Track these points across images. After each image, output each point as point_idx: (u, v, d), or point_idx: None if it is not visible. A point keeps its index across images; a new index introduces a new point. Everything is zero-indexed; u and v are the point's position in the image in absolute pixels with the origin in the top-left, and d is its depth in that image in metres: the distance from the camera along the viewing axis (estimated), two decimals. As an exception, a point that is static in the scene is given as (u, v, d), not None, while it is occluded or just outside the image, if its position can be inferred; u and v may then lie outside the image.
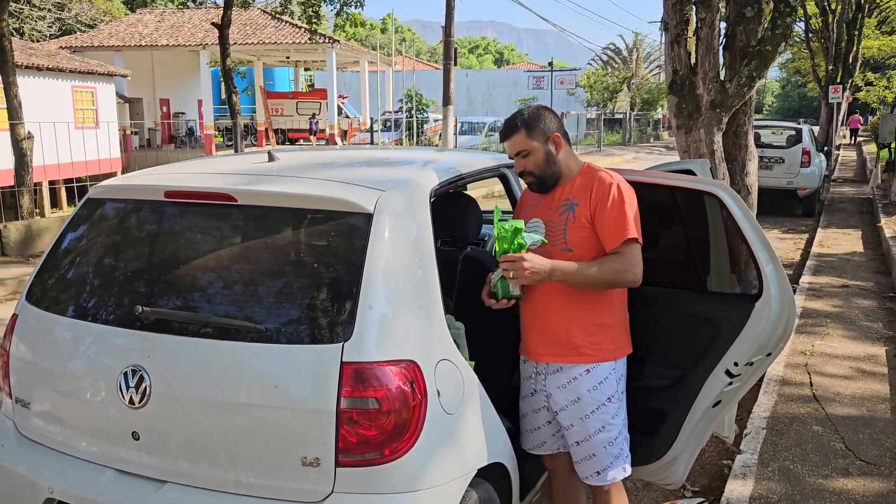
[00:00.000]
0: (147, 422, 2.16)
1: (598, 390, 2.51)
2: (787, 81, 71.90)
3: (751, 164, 5.91)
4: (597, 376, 2.50)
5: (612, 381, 2.52)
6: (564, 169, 2.54)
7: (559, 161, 2.53)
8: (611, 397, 2.53)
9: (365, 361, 2.03)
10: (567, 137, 2.58)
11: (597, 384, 2.50)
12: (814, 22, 24.82)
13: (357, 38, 55.17)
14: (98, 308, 2.37)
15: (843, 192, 16.46)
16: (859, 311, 6.53)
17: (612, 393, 2.53)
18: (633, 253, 2.42)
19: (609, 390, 2.52)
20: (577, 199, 2.49)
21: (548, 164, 2.52)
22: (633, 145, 36.93)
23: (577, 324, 2.50)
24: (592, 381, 2.50)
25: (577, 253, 2.46)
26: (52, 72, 18.29)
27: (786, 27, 5.41)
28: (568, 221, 2.48)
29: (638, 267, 2.42)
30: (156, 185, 2.46)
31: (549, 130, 2.51)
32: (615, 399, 2.54)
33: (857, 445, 3.90)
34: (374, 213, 2.17)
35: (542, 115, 2.55)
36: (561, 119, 2.62)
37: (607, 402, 2.52)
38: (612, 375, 2.52)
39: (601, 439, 2.55)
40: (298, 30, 24.25)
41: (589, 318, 2.50)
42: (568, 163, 2.55)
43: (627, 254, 2.41)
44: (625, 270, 2.41)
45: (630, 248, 2.42)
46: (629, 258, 2.41)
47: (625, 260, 2.41)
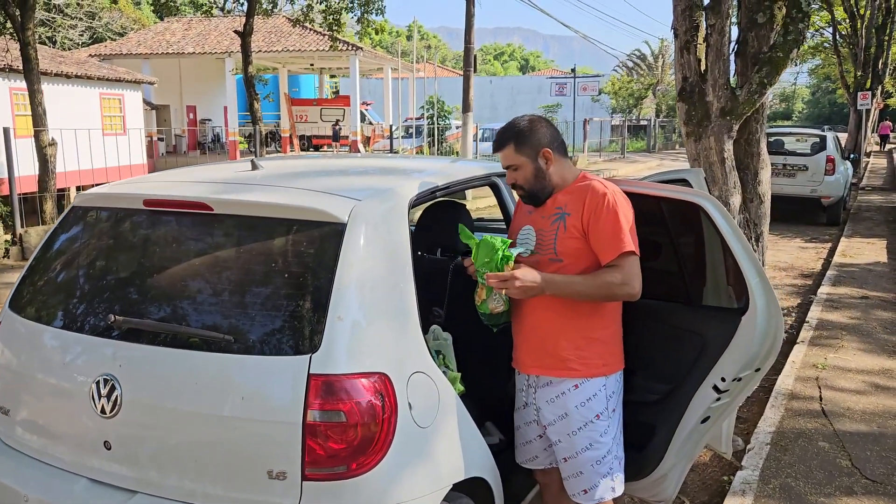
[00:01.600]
0: (118, 431, 2.16)
1: (585, 406, 2.44)
2: (817, 88, 70.81)
3: (763, 172, 5.79)
4: (585, 392, 2.44)
5: (601, 399, 2.45)
6: (556, 181, 2.47)
7: (549, 175, 2.46)
8: (599, 415, 2.45)
9: (332, 374, 2.00)
10: (562, 149, 2.51)
11: (585, 400, 2.44)
12: (842, 27, 24.41)
13: (383, 46, 55.52)
14: (76, 316, 2.38)
15: (871, 200, 16.11)
16: (877, 324, 6.36)
17: (602, 410, 2.45)
18: (630, 266, 2.35)
19: (598, 407, 2.45)
20: (568, 209, 2.43)
21: (537, 179, 2.46)
22: (657, 152, 36.59)
23: (566, 336, 2.44)
24: (581, 397, 2.44)
25: (566, 263, 2.40)
26: (81, 79, 18.65)
27: (798, 33, 5.30)
28: (559, 231, 2.42)
29: (635, 280, 2.34)
30: (135, 193, 2.47)
31: (540, 145, 2.44)
32: (604, 417, 2.46)
33: (864, 463, 3.78)
34: (348, 223, 2.15)
35: (533, 128, 2.46)
36: (555, 130, 2.53)
37: (595, 420, 2.45)
38: (601, 392, 2.45)
39: (588, 457, 2.49)
40: (322, 37, 24.42)
41: (579, 331, 2.44)
42: (562, 174, 2.48)
43: (624, 267, 2.34)
44: (621, 284, 2.34)
45: (626, 262, 2.34)
46: (626, 271, 2.34)
47: (621, 273, 2.34)
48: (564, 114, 30.53)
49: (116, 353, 2.19)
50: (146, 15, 39.60)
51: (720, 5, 5.34)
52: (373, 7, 17.05)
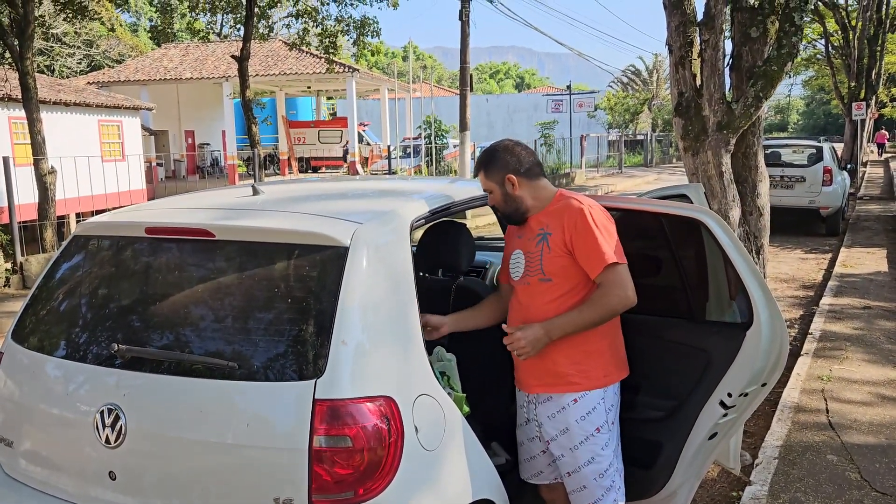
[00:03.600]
0: (123, 461, 2.14)
1: (586, 420, 2.46)
2: (811, 99, 71.20)
3: (762, 185, 5.81)
4: (585, 406, 2.46)
5: (601, 411, 2.47)
6: (531, 203, 2.53)
7: (518, 198, 2.52)
8: (600, 427, 2.47)
9: (338, 398, 1.99)
10: (531, 172, 2.54)
11: (585, 414, 2.46)
12: (834, 39, 24.61)
13: (379, 67, 55.86)
14: (78, 346, 2.37)
15: (870, 209, 16.13)
16: (881, 334, 6.34)
17: (602, 423, 2.47)
18: (618, 277, 2.36)
19: (598, 420, 2.47)
20: (549, 228, 2.47)
21: (506, 202, 2.55)
22: (655, 166, 36.70)
23: (563, 352, 2.46)
24: (581, 411, 2.46)
25: (556, 282, 2.43)
26: (80, 107, 18.77)
27: (791, 46, 5.34)
28: (543, 251, 2.47)
29: (626, 290, 2.36)
30: (137, 221, 2.48)
31: (505, 171, 2.52)
32: (604, 430, 2.49)
33: (874, 475, 3.75)
34: (350, 247, 2.15)
35: (497, 155, 2.55)
36: (524, 154, 2.56)
37: (596, 433, 2.47)
38: (601, 405, 2.47)
39: (591, 470, 2.50)
40: (318, 60, 24.61)
41: (575, 346, 2.46)
42: (535, 196, 2.53)
43: (612, 279, 2.36)
44: (615, 298, 2.36)
45: (613, 273, 2.36)
46: (615, 283, 2.36)
47: (611, 287, 2.36)
48: (561, 130, 30.63)
49: (120, 382, 2.18)
50: (144, 42, 39.91)
51: (714, 21, 5.39)
52: (368, 29, 17.21)
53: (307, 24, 17.58)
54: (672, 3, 5.50)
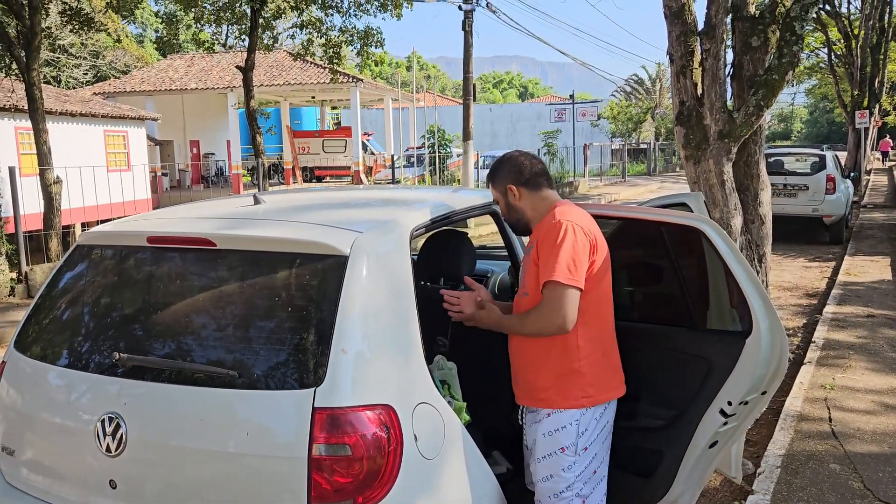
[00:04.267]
0: (123, 470, 2.15)
1: (552, 437, 2.41)
2: (815, 107, 71.15)
3: (763, 193, 5.82)
4: (555, 423, 2.41)
5: (570, 432, 2.40)
6: (531, 215, 2.54)
7: (519, 209, 2.55)
8: (565, 448, 2.40)
9: (337, 407, 2.00)
10: (532, 183, 2.53)
11: (553, 430, 2.41)
12: (837, 47, 24.62)
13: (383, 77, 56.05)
14: (80, 355, 2.39)
15: (873, 217, 16.10)
16: (885, 342, 6.32)
17: (569, 444, 2.40)
18: (554, 297, 2.28)
19: (565, 440, 2.40)
20: (534, 241, 2.47)
21: (509, 212, 2.60)
22: (658, 175, 36.70)
23: (543, 368, 2.44)
24: (549, 427, 2.42)
25: (531, 297, 2.42)
26: (86, 117, 18.88)
27: (792, 55, 5.36)
28: (526, 265, 2.48)
29: (557, 313, 2.27)
30: (139, 230, 2.49)
31: (505, 181, 2.56)
32: (570, 451, 2.40)
33: (877, 484, 3.74)
34: (350, 255, 2.16)
35: (499, 167, 2.60)
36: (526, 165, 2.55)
37: (559, 452, 2.41)
38: (572, 426, 2.40)
39: (545, 487, 2.47)
40: (322, 70, 24.72)
41: (553, 364, 2.42)
42: (534, 207, 2.53)
43: (548, 297, 2.30)
44: (543, 318, 2.30)
45: (552, 292, 2.29)
46: (549, 303, 2.30)
47: (544, 305, 2.31)
48: (564, 139, 30.66)
49: (121, 390, 2.19)
50: (149, 52, 40.18)
51: (714, 30, 5.42)
52: (372, 40, 17.27)
53: (311, 34, 17.68)
54: (673, 13, 5.53)
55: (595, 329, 2.42)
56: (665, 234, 2.87)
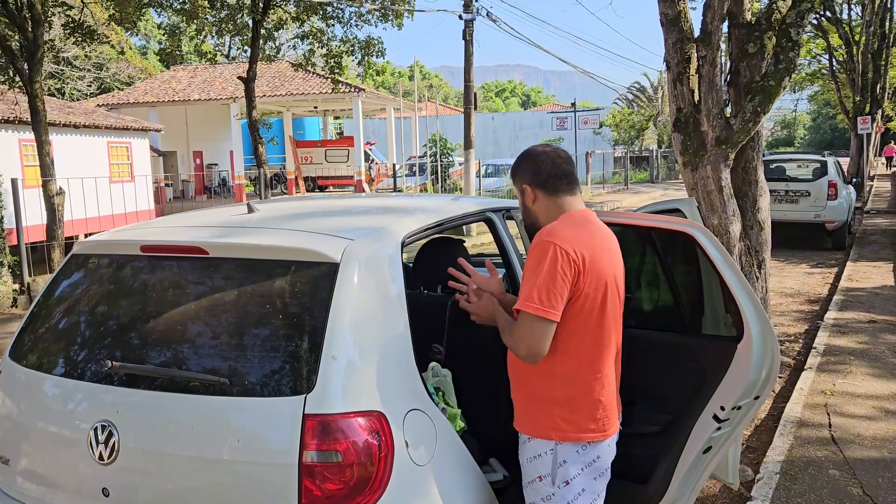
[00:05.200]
0: (116, 478, 2.16)
1: (531, 464, 2.32)
2: (817, 114, 71.13)
3: (762, 199, 5.82)
4: (532, 449, 2.31)
5: (545, 462, 2.27)
6: (543, 221, 2.32)
7: (535, 213, 2.36)
8: (542, 477, 2.29)
9: (328, 413, 2.01)
10: (548, 185, 2.32)
11: (532, 457, 2.31)
12: (838, 54, 24.65)
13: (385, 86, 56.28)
14: (74, 364, 2.40)
15: (876, 223, 16.07)
16: (886, 348, 6.30)
17: (545, 474, 2.27)
18: (521, 326, 2.16)
19: (542, 469, 2.28)
20: None
21: (525, 212, 2.41)
22: (660, 182, 36.69)
23: (520, 389, 2.36)
24: (528, 453, 2.33)
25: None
26: (89, 129, 18.97)
27: (789, 62, 5.37)
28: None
29: (521, 343, 2.15)
30: (133, 239, 2.51)
31: (521, 181, 2.38)
32: (547, 482, 2.27)
33: (876, 490, 3.72)
34: (341, 263, 2.17)
35: (519, 163, 2.41)
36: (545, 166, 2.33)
37: (538, 481, 2.31)
38: (546, 456, 2.26)
39: None
40: (324, 80, 24.87)
41: (529, 388, 2.32)
42: (548, 214, 2.32)
43: (517, 326, 2.18)
44: (513, 343, 2.20)
45: (520, 321, 2.16)
46: (516, 331, 2.17)
47: (513, 332, 2.19)
48: (567, 147, 30.68)
49: (114, 399, 2.20)
50: (153, 64, 40.44)
51: (710, 37, 5.44)
52: (373, 50, 17.37)
53: (313, 45, 17.78)
54: (669, 20, 5.55)
55: (575, 362, 2.23)
56: (657, 239, 2.88)
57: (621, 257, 2.35)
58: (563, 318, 2.16)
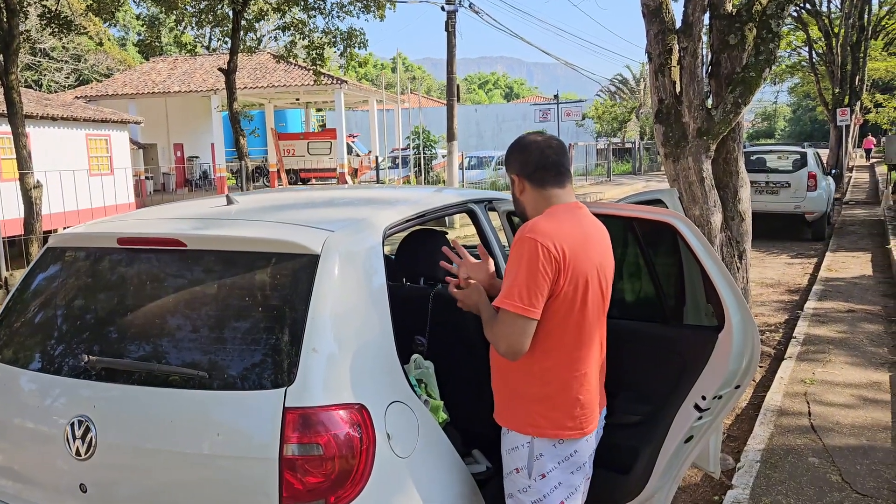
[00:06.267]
0: (93, 473, 2.13)
1: (510, 455, 2.32)
2: (797, 105, 71.78)
3: (743, 190, 5.86)
4: (510, 441, 2.30)
5: (522, 454, 2.25)
6: (531, 214, 2.27)
7: (523, 204, 2.32)
8: (519, 469, 2.27)
9: (308, 406, 1.99)
10: (535, 177, 2.26)
11: (510, 449, 2.31)
12: (818, 46, 24.86)
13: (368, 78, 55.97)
14: (51, 358, 2.36)
15: (855, 214, 16.26)
16: (864, 337, 6.38)
17: (522, 466, 2.26)
18: (501, 323, 2.12)
19: (519, 461, 2.27)
20: None
21: (515, 203, 2.37)
22: (643, 174, 36.89)
23: (500, 382, 2.34)
24: (507, 444, 2.32)
25: None
26: (67, 121, 18.70)
27: (769, 53, 5.40)
28: None
29: (501, 341, 2.12)
30: (109, 232, 2.47)
31: (511, 171, 2.33)
32: (524, 474, 2.26)
33: (855, 477, 3.77)
34: (321, 254, 2.15)
35: (510, 151, 2.34)
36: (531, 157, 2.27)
37: (515, 473, 2.30)
38: (523, 448, 2.25)
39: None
40: (307, 72, 24.70)
41: (508, 381, 2.30)
42: (535, 206, 2.27)
43: (497, 323, 2.15)
44: (494, 338, 2.17)
45: (501, 318, 2.13)
46: (496, 328, 2.14)
47: (493, 329, 2.17)
48: (550, 139, 30.72)
49: (91, 393, 2.17)
50: (132, 56, 39.93)
51: (692, 28, 5.45)
52: (355, 41, 17.26)
53: (294, 36, 17.63)
54: (651, 12, 5.56)
55: (553, 360, 2.20)
56: (638, 229, 2.88)
57: (611, 249, 2.32)
58: (542, 316, 2.13)
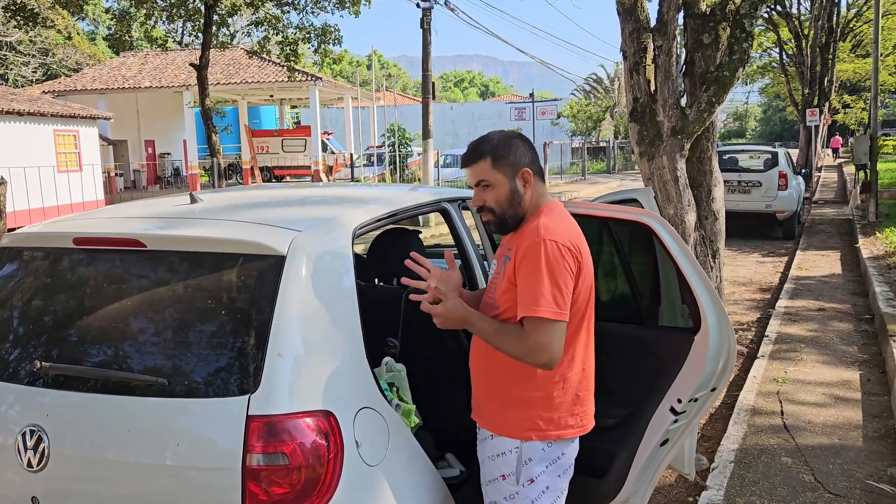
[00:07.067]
0: (46, 485, 2.03)
1: (494, 462, 2.23)
2: (768, 106, 72.84)
3: (716, 189, 5.87)
4: (497, 447, 2.22)
5: (509, 460, 2.18)
6: (526, 209, 2.17)
7: (525, 202, 2.16)
8: (506, 475, 2.20)
9: (273, 414, 1.91)
10: (541, 174, 2.21)
11: (495, 455, 2.23)
12: (788, 47, 25.20)
13: (343, 75, 55.58)
14: (4, 364, 2.24)
15: (824, 213, 16.50)
16: (835, 335, 6.44)
17: (509, 472, 2.19)
18: (539, 334, 2.00)
19: (505, 468, 2.19)
20: (512, 253, 2.13)
21: (511, 203, 2.15)
22: (618, 173, 37.14)
23: (493, 389, 2.23)
24: (491, 451, 2.24)
25: (501, 311, 2.15)
26: (34, 116, 18.28)
27: (743, 52, 5.41)
28: (500, 276, 2.17)
29: (542, 352, 2.00)
30: (66, 231, 2.36)
31: (520, 164, 2.15)
32: (511, 481, 2.19)
33: (827, 477, 3.78)
34: (287, 255, 2.07)
35: (513, 143, 2.17)
36: (535, 152, 2.23)
37: (501, 480, 2.22)
38: (511, 454, 2.18)
39: None
40: (281, 68, 24.44)
41: (504, 388, 2.20)
42: (535, 203, 2.18)
43: (531, 334, 2.01)
44: (529, 354, 2.03)
45: (536, 328, 2.00)
46: (531, 340, 2.01)
47: (525, 341, 2.02)
48: (525, 138, 30.81)
49: (44, 401, 2.06)
50: (101, 50, 39.21)
51: (666, 27, 5.44)
52: (330, 37, 17.09)
53: (268, 32, 17.41)
54: (626, 10, 5.54)
55: (567, 361, 2.15)
56: (614, 229, 2.84)
57: None
58: None
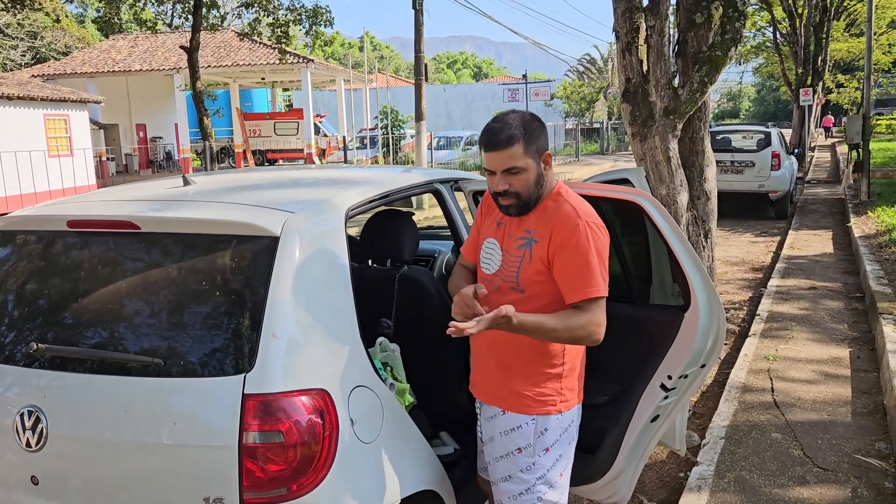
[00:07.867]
0: (45, 465, 2.06)
1: (508, 437, 2.28)
2: (762, 86, 72.72)
3: (709, 169, 5.88)
4: (510, 422, 2.28)
5: (526, 432, 2.25)
6: (544, 191, 2.21)
7: (543, 182, 2.19)
8: (522, 448, 2.26)
9: (269, 393, 1.94)
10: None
11: (509, 429, 2.28)
12: (782, 26, 25.12)
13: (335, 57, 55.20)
14: (3, 346, 2.26)
15: (817, 193, 16.55)
16: (825, 313, 6.50)
17: (525, 445, 2.26)
18: (596, 312, 2.11)
19: (521, 441, 2.26)
20: (536, 235, 2.17)
21: (537, 185, 2.17)
22: (611, 154, 37.11)
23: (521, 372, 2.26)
24: (505, 425, 2.29)
25: (528, 295, 2.18)
26: (23, 100, 18.14)
27: (735, 32, 5.40)
28: (524, 259, 2.19)
29: (600, 328, 2.12)
30: (59, 214, 2.37)
31: (543, 147, 2.18)
32: (527, 453, 2.26)
33: (816, 452, 3.84)
34: (281, 237, 2.09)
35: (536, 126, 2.16)
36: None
37: (516, 453, 2.28)
38: (527, 426, 2.25)
39: (505, 489, 2.33)
40: (272, 51, 24.26)
41: (532, 369, 2.24)
42: (549, 184, 2.23)
43: (590, 312, 2.10)
44: (586, 335, 2.11)
45: (596, 308, 2.11)
46: (591, 318, 2.10)
47: (585, 320, 2.09)
48: (519, 119, 30.72)
49: (42, 383, 2.09)
50: (91, 33, 38.81)
51: (659, 6, 5.42)
52: (321, 19, 16.96)
53: (258, 13, 17.26)
54: (618, -11, 5.52)
55: None
56: (605, 208, 2.85)
57: None
58: None
